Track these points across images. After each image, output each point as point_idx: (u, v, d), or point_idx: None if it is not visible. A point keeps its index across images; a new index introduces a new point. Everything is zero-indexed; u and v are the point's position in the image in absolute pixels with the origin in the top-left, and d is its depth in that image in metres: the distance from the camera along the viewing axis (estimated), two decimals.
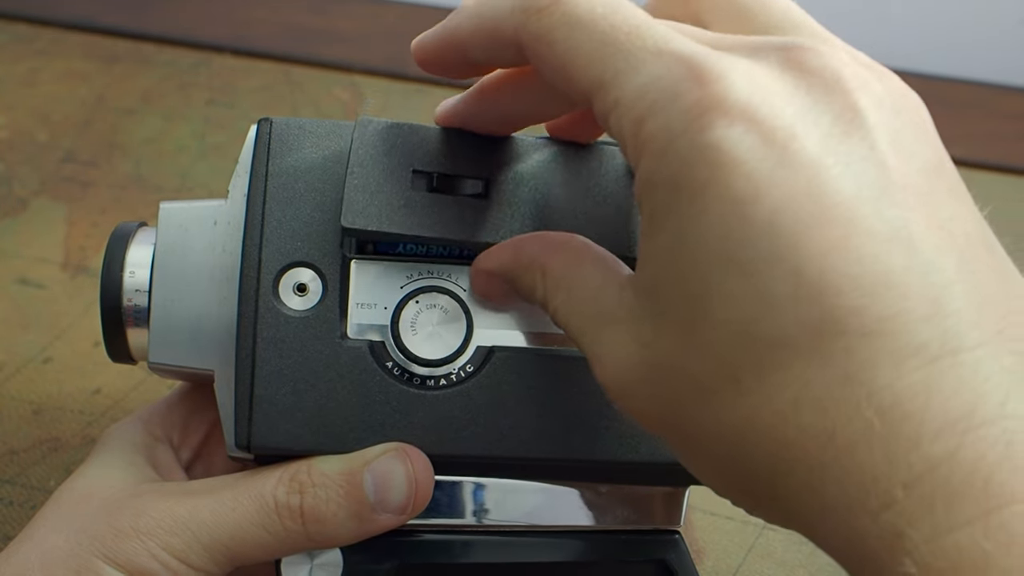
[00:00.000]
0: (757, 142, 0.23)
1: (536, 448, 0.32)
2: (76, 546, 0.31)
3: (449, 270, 0.33)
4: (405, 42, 0.32)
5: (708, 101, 0.23)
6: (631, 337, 0.25)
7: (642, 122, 0.24)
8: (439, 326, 0.32)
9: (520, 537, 0.34)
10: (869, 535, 0.21)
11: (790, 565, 0.43)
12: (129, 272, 0.34)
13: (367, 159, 0.32)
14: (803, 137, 0.23)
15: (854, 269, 0.22)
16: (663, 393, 0.25)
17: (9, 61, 0.72)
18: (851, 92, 0.24)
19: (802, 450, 0.22)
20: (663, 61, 0.24)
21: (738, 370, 0.23)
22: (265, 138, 0.33)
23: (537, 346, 0.33)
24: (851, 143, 0.23)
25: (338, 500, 0.31)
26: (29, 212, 0.59)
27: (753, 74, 0.24)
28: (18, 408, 0.48)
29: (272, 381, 0.31)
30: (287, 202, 0.32)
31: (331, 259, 0.32)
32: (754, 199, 0.22)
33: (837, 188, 0.22)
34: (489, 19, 0.27)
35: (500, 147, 0.33)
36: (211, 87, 0.71)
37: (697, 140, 0.23)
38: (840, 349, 0.22)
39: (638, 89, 0.24)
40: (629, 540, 0.35)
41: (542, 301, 0.29)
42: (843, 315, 0.22)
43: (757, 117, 0.23)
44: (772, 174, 0.22)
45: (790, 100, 0.23)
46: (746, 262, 0.22)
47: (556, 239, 0.30)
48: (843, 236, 0.22)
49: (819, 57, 0.24)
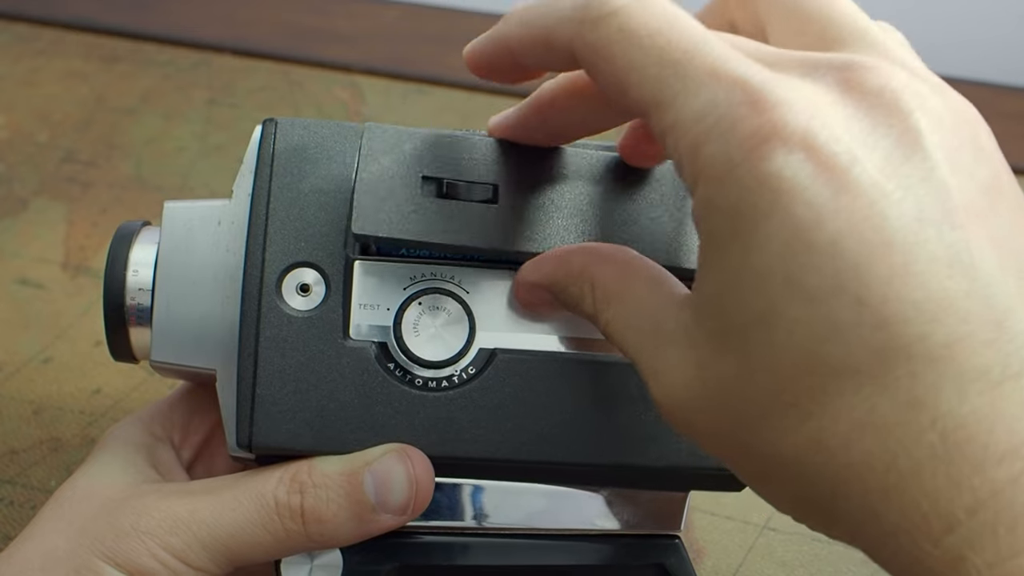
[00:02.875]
0: (817, 169, 0.23)
1: (537, 451, 0.32)
2: (76, 546, 0.31)
3: (452, 272, 0.33)
4: (405, 42, 0.32)
5: (767, 129, 0.23)
6: (689, 358, 0.25)
7: (699, 147, 0.24)
8: (442, 328, 0.32)
9: (520, 540, 0.34)
10: (930, 559, 0.22)
11: (790, 565, 0.43)
12: (132, 271, 0.34)
13: (376, 165, 0.32)
14: (863, 162, 0.23)
15: (917, 295, 0.22)
16: (721, 415, 0.25)
17: (9, 61, 0.72)
18: (910, 114, 0.24)
19: (864, 474, 0.22)
20: (720, 84, 0.24)
21: (800, 395, 0.23)
22: (270, 138, 0.33)
23: (540, 349, 0.33)
24: (911, 166, 0.23)
25: (338, 500, 0.31)
26: (29, 212, 0.59)
27: (811, 99, 0.24)
28: (18, 408, 0.48)
29: (274, 381, 0.31)
30: (291, 202, 0.32)
31: (335, 260, 0.32)
32: (816, 226, 0.22)
33: (898, 214, 0.22)
34: (540, 27, 0.27)
35: (509, 153, 0.33)
36: (211, 87, 0.71)
37: (757, 169, 0.23)
38: (905, 375, 0.22)
39: (695, 113, 0.24)
40: (629, 544, 0.35)
41: (591, 313, 0.29)
42: (908, 341, 0.22)
43: (816, 144, 0.23)
44: (833, 201, 0.22)
45: (848, 125, 0.23)
46: (810, 288, 0.22)
47: (604, 250, 0.30)
48: (905, 262, 0.22)
49: (878, 77, 0.24)
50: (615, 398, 0.32)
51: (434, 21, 0.81)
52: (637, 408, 0.33)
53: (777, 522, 0.44)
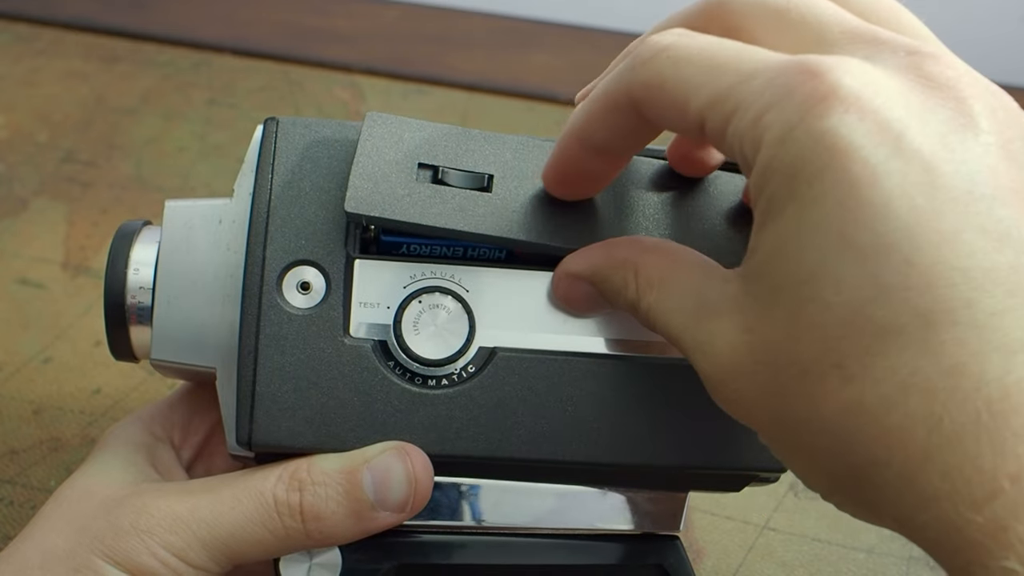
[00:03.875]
0: (872, 130, 0.23)
1: (536, 450, 0.32)
2: (76, 545, 0.31)
3: (452, 271, 0.33)
4: (405, 42, 0.32)
5: (823, 90, 0.24)
6: (735, 326, 0.26)
7: (760, 117, 0.24)
8: (441, 326, 0.32)
9: (518, 539, 0.34)
10: (971, 527, 0.22)
11: (790, 565, 0.43)
12: (133, 269, 0.34)
13: (374, 149, 0.32)
14: (917, 131, 0.23)
15: (965, 262, 0.22)
16: (765, 380, 0.25)
17: (9, 61, 0.72)
18: (966, 99, 0.24)
19: (905, 437, 0.22)
20: (774, 66, 0.25)
21: (844, 355, 0.23)
22: (271, 137, 0.33)
23: (540, 347, 0.33)
24: (965, 144, 0.24)
25: (337, 498, 0.31)
26: (29, 212, 0.59)
27: (867, 69, 0.24)
28: (18, 408, 0.48)
29: (274, 378, 0.31)
30: (292, 201, 0.32)
31: (335, 258, 0.32)
32: (871, 184, 0.23)
33: (950, 184, 0.23)
34: (600, 95, 0.28)
35: (507, 146, 0.33)
36: (211, 87, 0.71)
37: (814, 127, 0.23)
38: (951, 339, 0.22)
39: (756, 90, 0.25)
40: (628, 544, 0.35)
41: (632, 301, 0.30)
42: (955, 306, 0.22)
43: (871, 107, 0.23)
44: (887, 162, 0.23)
45: (904, 97, 0.24)
46: (861, 245, 0.23)
47: (647, 241, 0.31)
48: (955, 230, 0.22)
49: (937, 64, 0.25)
50: (615, 397, 0.32)
51: (434, 21, 0.81)
52: (637, 407, 0.33)
53: (777, 522, 0.44)
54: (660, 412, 0.33)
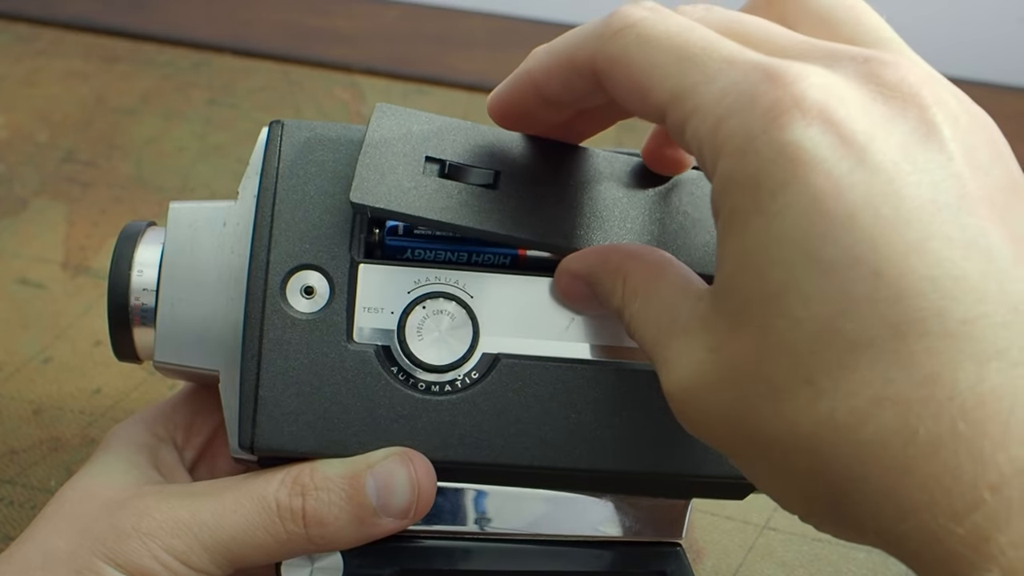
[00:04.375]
0: (835, 142, 0.23)
1: (539, 457, 0.32)
2: (78, 547, 0.31)
3: (456, 276, 0.33)
4: (405, 42, 0.32)
5: (787, 101, 0.23)
6: (703, 343, 0.25)
7: (720, 124, 0.24)
8: (445, 332, 0.32)
9: (521, 545, 0.34)
10: (951, 538, 0.21)
11: (790, 565, 0.43)
12: (137, 271, 0.34)
13: (381, 141, 0.32)
14: (881, 141, 0.23)
15: (933, 272, 0.22)
16: (732, 399, 0.24)
17: (9, 61, 0.72)
18: (928, 107, 0.24)
19: (881, 451, 0.22)
20: (738, 68, 0.24)
21: (814, 370, 0.23)
22: (276, 140, 0.33)
23: (544, 354, 0.33)
24: (928, 154, 0.23)
25: (340, 503, 0.31)
26: (29, 212, 0.59)
27: (829, 80, 0.24)
28: (18, 408, 0.48)
29: (277, 383, 0.31)
30: (297, 204, 0.32)
31: (339, 262, 0.32)
32: (834, 196, 0.22)
33: (915, 194, 0.23)
34: (564, 51, 0.28)
35: (515, 142, 0.33)
36: (211, 87, 0.71)
37: (776, 139, 0.23)
38: (923, 349, 0.22)
39: (716, 94, 0.24)
40: (631, 551, 0.35)
41: (619, 307, 0.29)
42: (925, 316, 0.22)
43: (835, 119, 0.23)
44: (851, 174, 0.23)
45: (867, 108, 0.24)
46: (826, 260, 0.22)
47: (639, 249, 0.30)
48: (921, 239, 0.22)
49: (896, 71, 0.24)
50: (618, 404, 0.32)
51: (434, 21, 0.81)
52: (640, 414, 0.33)
53: (777, 522, 0.45)
54: (663, 420, 0.32)
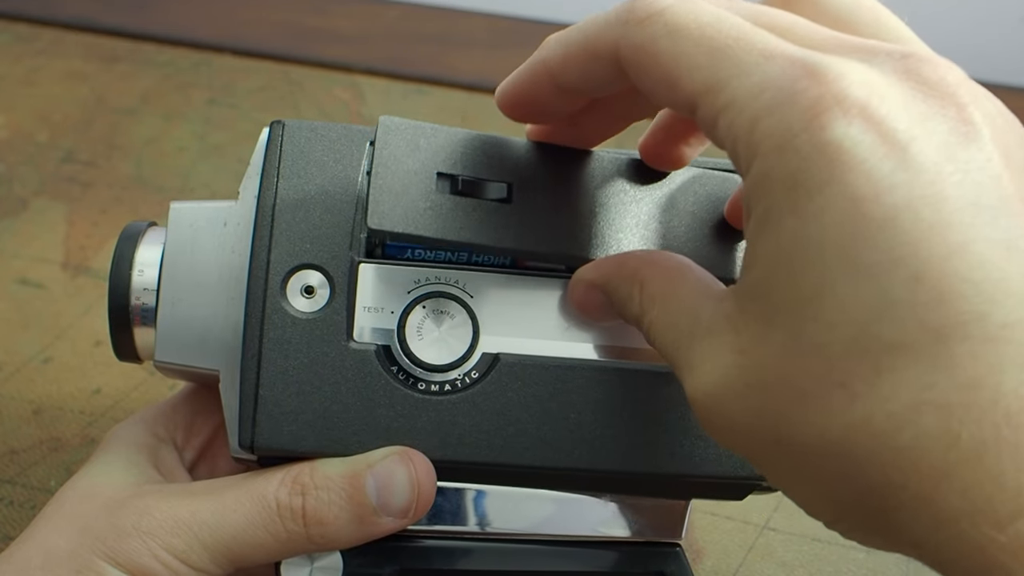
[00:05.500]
0: (877, 141, 0.22)
1: (539, 456, 0.32)
2: (78, 546, 0.31)
3: (457, 276, 0.33)
4: (405, 42, 0.32)
5: (828, 99, 0.23)
6: (729, 345, 0.25)
7: (757, 121, 0.23)
8: (445, 331, 0.32)
9: (520, 545, 0.34)
10: (993, 546, 0.21)
11: (790, 565, 0.43)
12: (138, 271, 0.34)
13: (391, 159, 0.31)
14: (922, 141, 0.23)
15: (975, 275, 0.22)
16: (759, 403, 0.24)
17: (9, 61, 0.72)
18: (966, 106, 0.23)
19: (920, 456, 0.22)
20: (776, 63, 0.24)
21: (849, 374, 0.22)
22: (277, 140, 0.33)
23: (544, 354, 0.33)
24: (967, 153, 0.23)
25: (340, 502, 0.31)
26: (29, 212, 0.59)
27: (869, 76, 0.23)
28: (18, 408, 0.48)
29: (277, 382, 0.31)
30: (297, 204, 0.32)
31: (339, 262, 0.32)
32: (874, 198, 0.22)
33: (956, 195, 0.22)
34: (583, 39, 0.27)
35: (525, 151, 0.33)
36: (211, 87, 0.71)
37: (817, 137, 0.23)
38: (964, 353, 0.21)
39: (752, 89, 0.24)
40: (630, 551, 0.35)
41: (637, 314, 0.29)
42: (966, 320, 0.21)
43: (876, 117, 0.23)
44: (892, 175, 0.22)
45: (907, 105, 0.23)
46: (865, 263, 0.22)
47: (656, 255, 0.30)
48: (963, 242, 0.22)
49: (936, 70, 0.24)
50: (618, 404, 0.32)
51: (434, 21, 0.81)
52: (640, 415, 0.33)
53: (777, 522, 0.45)
54: (662, 421, 0.33)
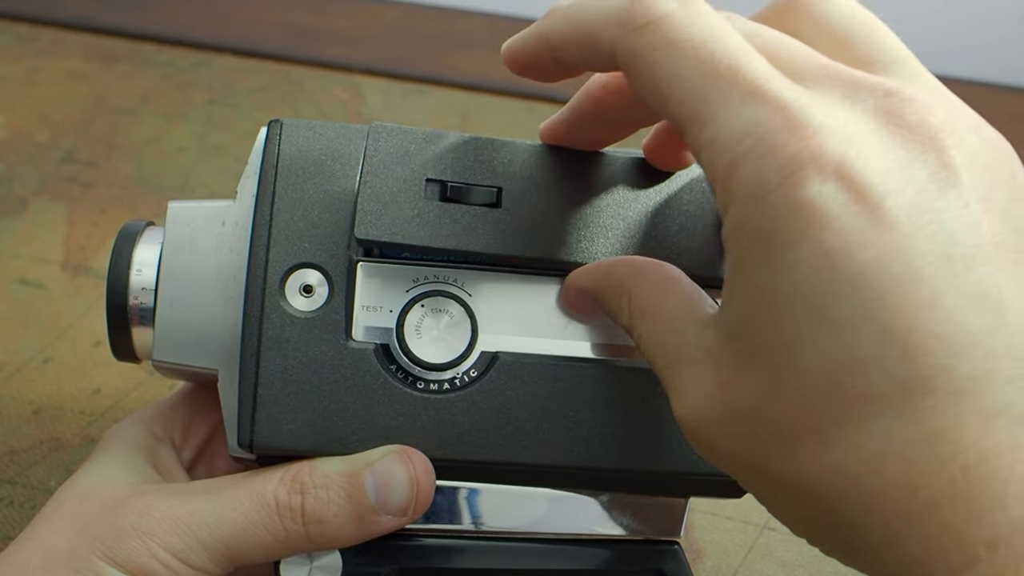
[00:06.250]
0: (850, 199, 0.23)
1: (538, 455, 0.32)
2: (77, 546, 0.31)
3: (455, 275, 0.33)
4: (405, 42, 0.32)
5: (804, 156, 0.23)
6: (710, 378, 0.25)
7: (735, 168, 0.24)
8: (444, 330, 0.32)
9: (520, 544, 0.34)
10: None
11: (790, 565, 0.43)
12: (136, 270, 0.34)
13: (380, 167, 0.32)
14: (896, 195, 0.23)
15: (942, 328, 0.22)
16: (741, 437, 0.25)
17: (9, 61, 0.72)
18: (947, 150, 0.24)
19: (884, 503, 0.22)
20: (761, 107, 0.24)
21: (822, 421, 0.23)
22: (275, 139, 0.33)
23: (542, 352, 0.33)
24: (944, 202, 0.23)
25: (339, 501, 0.31)
26: (29, 212, 0.59)
27: (849, 127, 0.24)
28: (18, 408, 0.48)
29: (276, 381, 0.31)
30: (295, 203, 0.32)
31: (338, 261, 0.32)
32: (845, 255, 0.22)
33: (928, 249, 0.23)
34: (584, 26, 0.27)
35: (518, 154, 0.33)
36: (211, 87, 0.71)
37: (791, 195, 0.23)
38: (928, 407, 0.22)
39: (734, 133, 0.24)
40: (628, 549, 0.35)
41: (627, 325, 0.30)
42: (932, 374, 0.22)
43: (851, 174, 0.23)
44: (864, 233, 0.23)
45: (885, 155, 0.23)
46: (835, 318, 0.23)
47: (645, 265, 0.30)
48: (932, 296, 0.22)
49: (918, 112, 0.24)
50: (617, 402, 0.32)
51: (434, 21, 0.81)
52: (638, 413, 0.33)
53: (777, 522, 0.44)
54: (661, 419, 0.33)
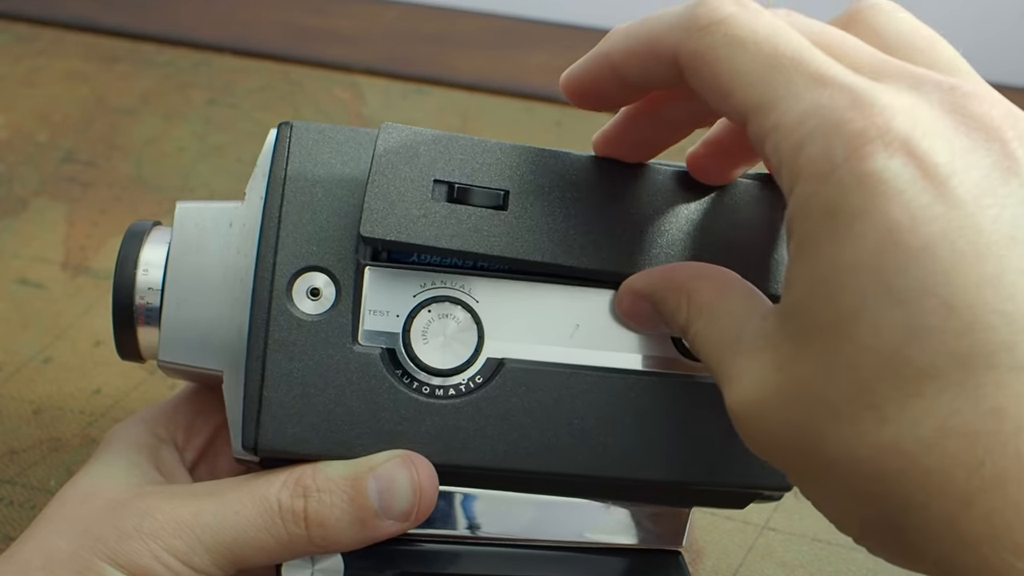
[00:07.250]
0: (917, 174, 0.23)
1: (542, 462, 0.32)
2: (79, 547, 0.31)
3: (463, 281, 0.33)
4: (405, 42, 0.32)
5: (872, 131, 0.23)
6: (767, 363, 0.26)
7: (801, 147, 0.24)
8: (450, 336, 0.32)
9: (522, 551, 0.34)
10: (1012, 573, 0.21)
11: (790, 565, 0.43)
12: (143, 270, 0.34)
13: (388, 167, 0.32)
14: (962, 174, 0.23)
15: (1006, 306, 0.22)
16: (796, 420, 0.25)
17: (9, 61, 0.72)
18: (1009, 141, 0.24)
19: (945, 480, 0.22)
20: (826, 90, 0.24)
21: (880, 397, 0.23)
22: (285, 142, 0.33)
23: (549, 360, 0.33)
24: (1008, 188, 0.23)
25: (342, 505, 0.31)
26: (29, 212, 0.59)
27: (915, 110, 0.24)
28: (18, 408, 0.48)
29: (281, 384, 0.31)
30: (304, 206, 0.32)
31: (346, 265, 0.32)
32: (910, 229, 0.23)
33: (992, 228, 0.23)
34: (646, 37, 0.28)
35: (524, 158, 0.33)
36: (211, 87, 0.71)
37: (858, 168, 0.23)
38: (991, 382, 0.22)
39: (800, 115, 0.24)
40: (631, 558, 0.35)
41: (683, 325, 0.30)
42: (994, 349, 0.22)
43: (918, 151, 0.23)
44: (930, 207, 0.23)
45: (950, 140, 0.24)
46: (898, 290, 0.23)
47: (706, 268, 0.30)
48: (996, 273, 0.22)
49: (981, 104, 0.24)
50: (622, 411, 0.32)
51: (434, 21, 0.81)
52: (644, 422, 0.33)
53: (777, 522, 0.45)
54: (665, 428, 0.33)
